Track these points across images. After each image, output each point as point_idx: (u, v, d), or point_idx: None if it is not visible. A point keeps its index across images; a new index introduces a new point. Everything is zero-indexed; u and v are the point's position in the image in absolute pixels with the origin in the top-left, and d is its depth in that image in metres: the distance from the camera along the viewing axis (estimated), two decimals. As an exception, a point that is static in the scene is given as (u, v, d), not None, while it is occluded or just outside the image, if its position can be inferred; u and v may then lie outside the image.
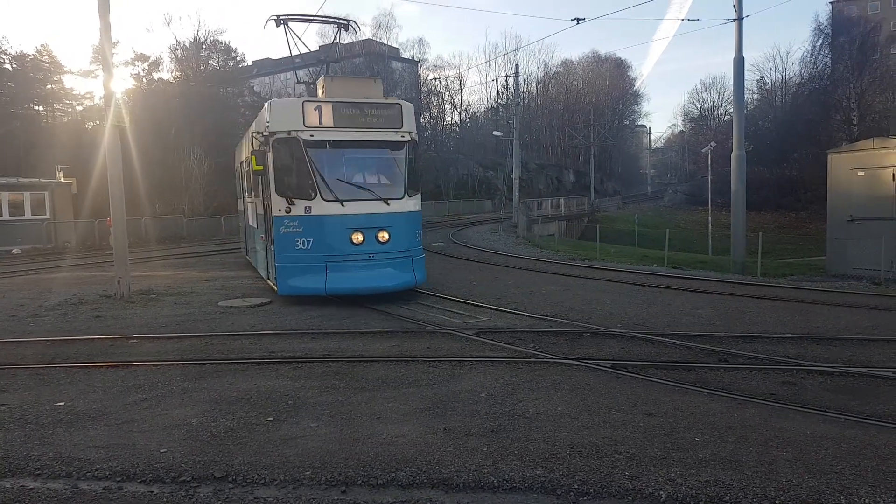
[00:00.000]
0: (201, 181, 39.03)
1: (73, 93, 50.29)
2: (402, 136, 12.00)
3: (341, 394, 6.58)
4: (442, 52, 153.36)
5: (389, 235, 11.57)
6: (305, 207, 11.34)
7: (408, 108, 12.32)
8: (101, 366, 7.90)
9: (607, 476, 4.53)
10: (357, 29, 15.15)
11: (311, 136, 11.35)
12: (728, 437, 5.22)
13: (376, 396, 6.47)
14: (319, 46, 65.43)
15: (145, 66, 47.93)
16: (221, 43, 51.66)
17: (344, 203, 11.33)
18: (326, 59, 14.79)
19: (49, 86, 48.60)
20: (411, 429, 5.53)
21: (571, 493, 4.33)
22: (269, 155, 11.54)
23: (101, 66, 15.75)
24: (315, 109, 11.48)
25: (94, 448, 5.23)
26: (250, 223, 16.90)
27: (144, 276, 17.22)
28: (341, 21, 14.65)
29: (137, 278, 15.77)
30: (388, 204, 11.65)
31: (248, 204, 16.77)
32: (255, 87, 59.62)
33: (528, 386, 6.73)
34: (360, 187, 11.73)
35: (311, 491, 4.45)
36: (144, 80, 47.68)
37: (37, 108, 48.10)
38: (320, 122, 11.48)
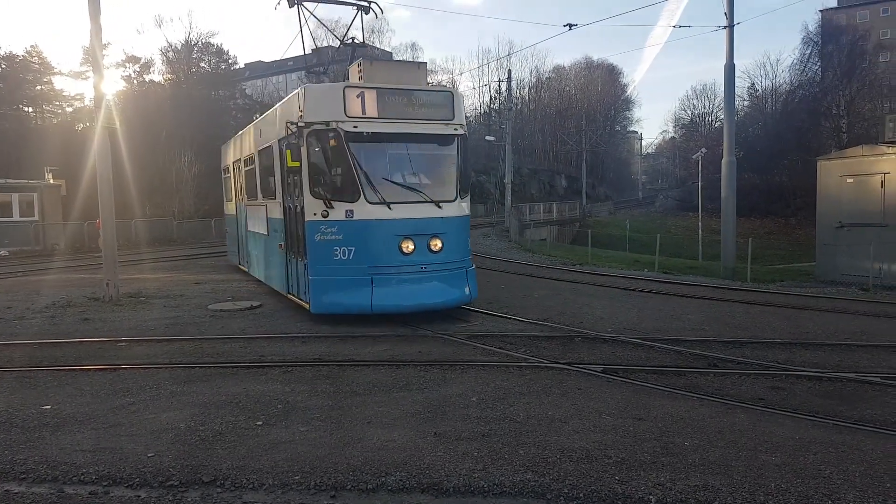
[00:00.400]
0: (192, 184, 38.92)
1: (64, 94, 50.22)
2: (455, 130, 10.65)
3: (331, 398, 6.56)
4: (434, 56, 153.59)
5: (443, 244, 10.16)
6: (346, 211, 9.87)
7: (458, 96, 11.02)
8: (89, 369, 7.85)
9: (597, 480, 4.53)
10: (378, 13, 13.39)
11: (355, 127, 9.83)
12: (717, 442, 5.23)
13: (367, 401, 6.45)
14: (312, 50, 65.43)
15: (136, 67, 47.90)
16: (213, 45, 51.72)
17: (391, 206, 9.89)
18: (352, 44, 12.64)
19: (39, 87, 48.45)
20: (402, 433, 5.52)
21: (561, 498, 4.32)
22: (303, 150, 10.03)
23: (91, 68, 15.65)
24: (357, 97, 9.98)
25: (81, 452, 5.19)
26: (251, 229, 15.36)
27: (134, 278, 17.13)
28: (361, 3, 13.03)
29: (126, 281, 15.68)
30: (440, 207, 10.21)
31: (250, 207, 15.25)
32: (246, 90, 59.52)
33: (519, 390, 6.73)
34: (410, 188, 10.29)
35: (300, 495, 4.43)
36: (135, 81, 47.62)
37: (26, 109, 47.94)
38: (363, 112, 10.00)
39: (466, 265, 10.77)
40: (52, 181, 31.58)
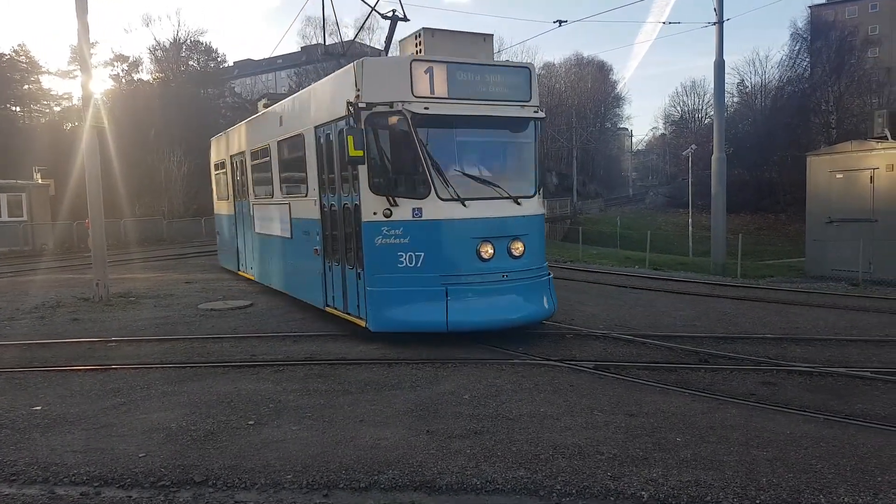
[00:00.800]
0: (181, 183, 38.80)
1: (51, 93, 50.02)
2: (536, 112, 9.22)
3: (323, 397, 6.55)
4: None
5: (525, 247, 8.77)
6: (414, 210, 8.41)
7: (535, 73, 9.52)
8: (79, 369, 7.80)
9: (590, 477, 4.53)
10: None
11: (426, 109, 8.34)
12: (709, 437, 5.25)
13: (359, 399, 6.44)
14: (301, 48, 65.35)
15: (125, 66, 47.74)
16: (202, 43, 51.58)
17: (466, 203, 8.45)
18: (393, 16, 10.84)
19: (26, 86, 48.17)
20: (394, 431, 5.51)
21: (554, 495, 4.33)
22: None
23: (79, 67, 15.51)
24: (426, 72, 8.50)
25: (72, 453, 5.16)
26: (263, 231, 13.67)
27: (123, 278, 17.04)
28: None
29: (116, 281, 15.60)
30: (519, 204, 8.84)
31: (262, 206, 13.60)
32: (236, 88, 59.33)
33: (512, 387, 6.73)
34: (486, 182, 8.87)
35: (293, 495, 4.42)
36: (124, 80, 47.43)
37: (13, 108, 47.63)
38: (432, 91, 8.52)
39: (546, 272, 9.36)
40: (40, 181, 31.40)
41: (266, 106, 14.07)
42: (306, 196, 10.74)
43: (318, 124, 9.95)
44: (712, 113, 26.98)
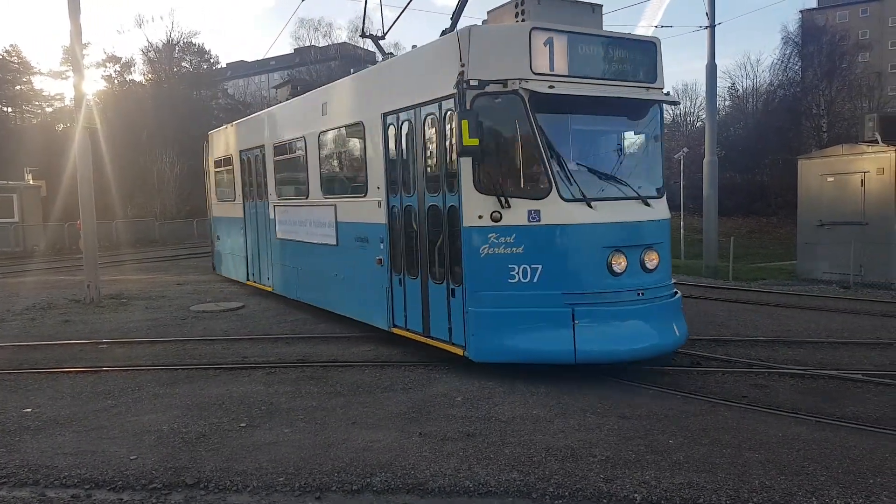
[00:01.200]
0: (174, 184, 38.65)
1: (43, 94, 49.84)
2: (667, 95, 8.00)
3: (315, 399, 6.53)
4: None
5: (659, 258, 7.31)
6: (530, 212, 6.93)
7: (661, 50, 7.93)
8: (70, 371, 7.77)
9: (582, 479, 4.53)
10: None
11: (551, 88, 6.91)
12: (701, 440, 5.26)
13: (351, 401, 6.43)
14: (294, 49, 65.26)
15: (117, 67, 47.57)
16: (195, 45, 51.41)
17: (592, 205, 7.01)
18: None
19: (18, 87, 47.97)
20: (386, 434, 5.50)
21: (546, 497, 4.33)
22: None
23: (71, 68, 15.45)
24: (545, 44, 7.01)
25: (63, 455, 5.13)
26: (290, 236, 11.82)
27: (115, 280, 16.97)
28: None
29: (108, 282, 15.54)
30: (648, 206, 7.39)
31: (289, 208, 11.83)
32: (229, 90, 59.19)
33: (504, 389, 6.73)
34: (612, 179, 7.41)
35: (285, 497, 4.41)
36: (116, 81, 47.29)
37: (5, 109, 47.40)
38: (551, 68, 7.06)
39: (675, 289, 7.84)
40: (31, 182, 31.25)
41: (293, 93, 12.59)
42: (365, 196, 9.19)
43: (390, 111, 8.51)
44: (704, 116, 27.04)
